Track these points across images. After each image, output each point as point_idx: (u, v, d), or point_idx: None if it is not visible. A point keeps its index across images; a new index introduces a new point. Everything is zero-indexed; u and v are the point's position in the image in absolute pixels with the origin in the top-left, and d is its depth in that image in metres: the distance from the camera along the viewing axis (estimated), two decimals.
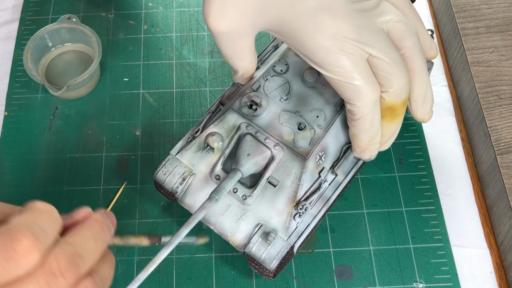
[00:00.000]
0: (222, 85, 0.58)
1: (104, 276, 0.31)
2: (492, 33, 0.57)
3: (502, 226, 0.49)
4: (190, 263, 0.49)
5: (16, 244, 0.26)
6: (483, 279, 0.48)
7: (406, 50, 0.40)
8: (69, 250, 0.28)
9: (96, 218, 0.31)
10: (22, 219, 0.28)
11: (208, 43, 0.61)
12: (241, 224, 0.43)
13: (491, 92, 0.53)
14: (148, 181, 0.53)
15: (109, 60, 0.60)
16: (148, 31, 0.62)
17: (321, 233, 0.50)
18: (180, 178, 0.44)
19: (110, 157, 0.54)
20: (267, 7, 0.38)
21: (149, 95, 0.58)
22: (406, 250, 0.49)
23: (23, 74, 0.59)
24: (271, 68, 0.46)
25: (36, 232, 0.27)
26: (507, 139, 0.51)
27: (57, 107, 0.57)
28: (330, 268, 0.48)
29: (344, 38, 0.37)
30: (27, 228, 0.27)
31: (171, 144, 0.55)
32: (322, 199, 0.45)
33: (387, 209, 0.51)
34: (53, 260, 0.27)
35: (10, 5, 0.65)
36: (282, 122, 0.44)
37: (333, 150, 0.45)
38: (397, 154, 0.54)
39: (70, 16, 0.58)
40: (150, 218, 0.51)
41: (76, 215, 0.31)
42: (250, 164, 0.42)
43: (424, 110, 0.43)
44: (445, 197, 0.52)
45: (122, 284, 0.48)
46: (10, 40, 0.62)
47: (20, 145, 0.55)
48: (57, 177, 0.53)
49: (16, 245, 0.26)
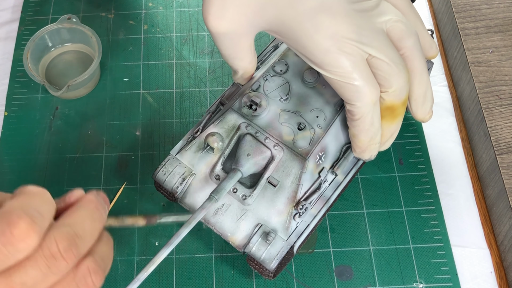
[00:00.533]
0: (222, 85, 0.58)
1: (104, 255, 0.30)
2: (492, 33, 0.57)
3: (502, 226, 0.49)
4: (190, 263, 0.49)
5: (13, 227, 0.25)
6: (483, 279, 0.48)
7: (405, 50, 0.40)
8: (67, 231, 0.28)
9: (90, 199, 0.30)
10: (16, 203, 0.27)
11: (208, 43, 0.61)
12: (241, 224, 0.43)
13: (491, 92, 0.53)
14: (148, 181, 0.53)
15: (109, 60, 0.60)
16: (148, 31, 0.62)
17: (321, 233, 0.50)
18: (180, 178, 0.44)
19: (110, 157, 0.54)
20: (266, 7, 0.38)
21: (149, 95, 0.58)
22: (406, 250, 0.49)
23: (23, 74, 0.59)
24: (271, 68, 0.46)
25: (32, 215, 0.26)
26: (507, 139, 0.51)
27: (57, 107, 0.57)
28: (330, 268, 0.48)
29: (343, 38, 0.37)
30: (22, 211, 0.26)
31: (171, 144, 0.55)
32: (322, 199, 0.45)
33: (387, 209, 0.51)
34: (52, 242, 0.27)
35: (10, 5, 0.65)
36: (282, 122, 0.44)
37: (333, 150, 0.45)
38: (397, 154, 0.54)
39: (70, 16, 0.58)
40: None
41: (69, 198, 0.30)
42: (250, 164, 0.42)
43: (424, 110, 0.43)
44: (445, 197, 0.52)
45: (122, 284, 0.48)
46: (10, 40, 0.62)
47: (20, 145, 0.55)
48: (57, 177, 0.53)
49: (13, 229, 0.25)
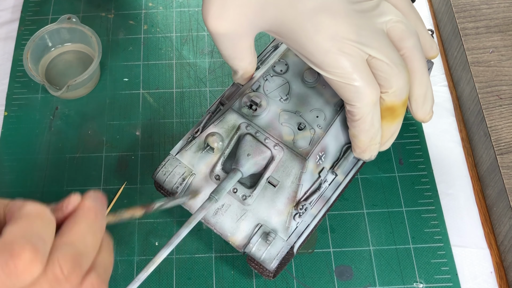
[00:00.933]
0: (222, 85, 0.58)
1: (105, 265, 0.30)
2: (492, 33, 0.57)
3: (502, 226, 0.49)
4: (190, 263, 0.49)
5: (16, 259, 0.25)
6: (483, 279, 0.48)
7: (406, 51, 0.40)
8: (69, 251, 0.27)
9: (88, 207, 0.30)
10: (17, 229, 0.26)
11: (208, 43, 0.61)
12: (241, 224, 0.43)
13: (491, 92, 0.53)
14: (148, 181, 0.53)
15: (109, 60, 0.60)
16: (148, 31, 0.62)
17: (321, 233, 0.50)
18: (180, 178, 0.44)
19: (110, 157, 0.54)
20: (266, 7, 0.38)
21: (149, 95, 0.58)
22: (406, 250, 0.49)
23: (23, 74, 0.59)
24: (271, 68, 0.46)
25: (34, 242, 0.25)
26: (507, 139, 0.51)
27: (57, 107, 0.57)
28: (330, 268, 0.48)
29: (343, 39, 0.37)
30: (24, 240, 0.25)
31: (171, 144, 0.55)
32: (322, 199, 0.45)
33: (387, 209, 0.51)
34: (56, 266, 0.26)
35: (10, 5, 0.65)
36: (282, 122, 0.44)
37: (333, 150, 0.45)
38: (397, 154, 0.54)
39: (70, 16, 0.58)
40: (150, 218, 0.51)
41: (66, 206, 0.30)
42: (250, 164, 0.42)
43: (425, 110, 0.43)
44: (445, 197, 0.52)
45: (122, 284, 0.48)
46: (10, 40, 0.62)
47: (20, 145, 0.55)
48: (57, 177, 0.53)
49: (17, 261, 0.25)
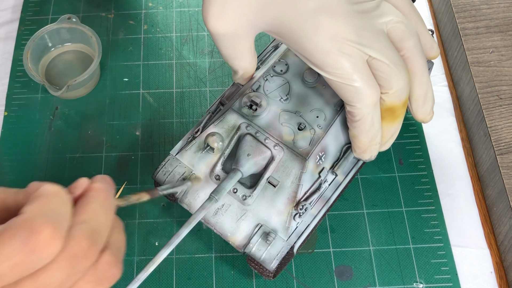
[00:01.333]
0: (222, 85, 0.58)
1: (118, 244, 0.30)
2: (492, 33, 0.57)
3: (502, 226, 0.49)
4: (190, 263, 0.49)
5: (36, 236, 0.25)
6: (483, 279, 0.48)
7: (406, 51, 0.40)
8: (86, 228, 0.27)
9: (98, 188, 0.30)
10: (36, 207, 0.26)
11: (208, 43, 0.61)
12: (241, 224, 0.43)
13: (491, 92, 0.53)
14: (148, 181, 0.53)
15: (109, 60, 0.60)
16: (148, 31, 0.62)
17: (321, 233, 0.50)
18: (180, 178, 0.44)
19: (110, 157, 0.54)
20: (266, 8, 0.38)
21: (149, 95, 0.58)
22: (406, 250, 0.49)
23: (23, 74, 0.59)
24: (271, 68, 0.46)
25: (54, 220, 0.26)
26: (507, 139, 0.51)
27: (57, 107, 0.57)
28: (330, 268, 0.48)
29: (343, 40, 0.37)
30: (44, 217, 0.26)
31: (171, 144, 0.55)
32: (322, 199, 0.45)
33: (387, 209, 0.51)
34: (74, 243, 0.27)
35: (10, 5, 0.65)
36: (282, 122, 0.44)
37: (333, 150, 0.45)
38: (397, 154, 0.54)
39: (70, 16, 0.58)
40: (150, 218, 0.51)
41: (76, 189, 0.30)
42: (250, 164, 0.42)
43: (425, 110, 0.43)
44: (445, 197, 0.52)
45: (122, 284, 0.48)
46: (10, 40, 0.62)
47: (20, 145, 0.55)
48: (57, 177, 0.53)
49: (37, 237, 0.25)
